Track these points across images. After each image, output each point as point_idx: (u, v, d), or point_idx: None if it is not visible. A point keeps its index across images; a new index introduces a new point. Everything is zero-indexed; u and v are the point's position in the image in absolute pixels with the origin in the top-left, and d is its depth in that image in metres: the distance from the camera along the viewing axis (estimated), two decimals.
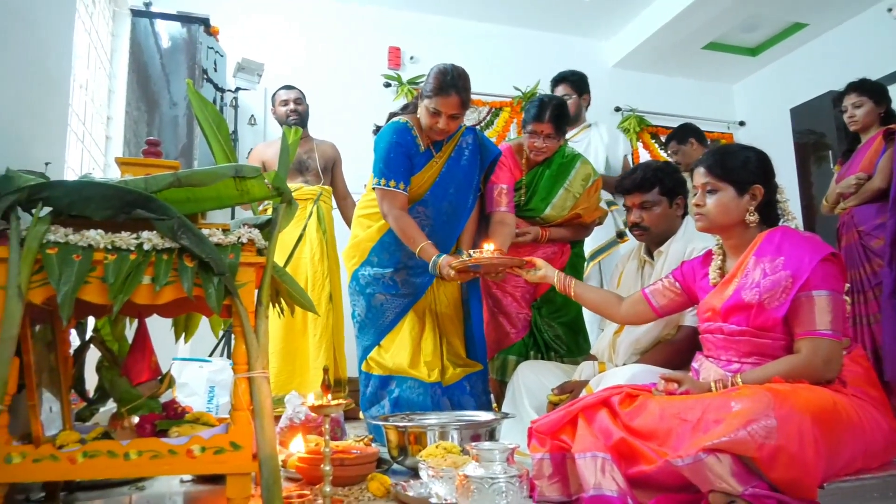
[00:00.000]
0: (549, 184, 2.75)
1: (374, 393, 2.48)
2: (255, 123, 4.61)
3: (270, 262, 1.56)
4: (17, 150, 1.67)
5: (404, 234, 2.34)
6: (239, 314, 1.47)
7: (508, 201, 2.62)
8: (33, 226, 1.37)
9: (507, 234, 2.52)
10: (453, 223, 2.53)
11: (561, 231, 2.78)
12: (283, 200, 1.62)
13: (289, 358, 3.24)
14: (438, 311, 2.56)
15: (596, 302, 2.11)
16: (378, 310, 2.50)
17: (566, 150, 2.83)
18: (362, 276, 2.52)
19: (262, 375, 1.49)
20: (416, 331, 2.49)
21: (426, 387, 2.39)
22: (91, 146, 3.55)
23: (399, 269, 2.46)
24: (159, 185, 1.45)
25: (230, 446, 1.43)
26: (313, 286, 3.31)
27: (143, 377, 1.68)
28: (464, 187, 2.53)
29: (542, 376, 2.39)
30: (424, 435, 1.94)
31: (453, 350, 2.55)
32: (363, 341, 2.55)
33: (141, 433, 1.53)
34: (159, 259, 1.42)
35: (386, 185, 2.39)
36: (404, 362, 2.43)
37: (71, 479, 1.39)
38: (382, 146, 2.43)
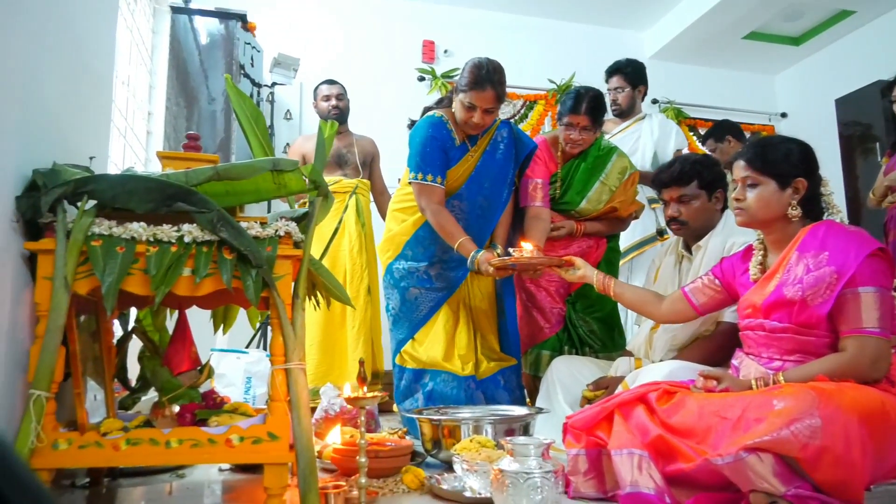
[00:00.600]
0: (584, 177, 2.72)
1: (408, 386, 2.49)
2: (290, 118, 4.66)
3: (307, 255, 1.58)
4: (63, 145, 1.71)
5: (443, 230, 2.35)
6: (276, 306, 1.49)
7: (543, 195, 2.60)
8: (79, 218, 1.41)
9: (541, 230, 2.50)
10: (488, 217, 2.52)
11: (596, 225, 2.75)
12: (319, 194, 1.63)
13: (327, 349, 3.28)
14: (472, 305, 2.56)
15: (636, 301, 2.08)
16: (412, 303, 2.51)
17: (602, 142, 2.79)
18: (396, 270, 2.54)
19: (299, 367, 1.51)
20: (449, 324, 2.49)
21: (460, 380, 2.39)
22: (133, 141, 3.62)
23: (433, 263, 2.47)
24: (199, 178, 1.48)
25: (268, 436, 1.45)
26: (352, 278, 3.34)
27: (184, 367, 1.71)
28: (499, 181, 2.52)
29: (576, 372, 2.37)
30: (458, 429, 1.94)
31: (487, 344, 2.54)
32: (397, 334, 2.56)
33: (181, 422, 1.57)
34: (199, 251, 1.45)
35: (423, 180, 2.39)
36: (438, 355, 2.44)
37: (114, 465, 1.43)
38: (418, 140, 2.44)
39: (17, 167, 1.44)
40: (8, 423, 1.36)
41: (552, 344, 2.72)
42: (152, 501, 1.65)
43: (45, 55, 1.59)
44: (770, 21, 5.09)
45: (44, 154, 1.56)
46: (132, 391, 1.98)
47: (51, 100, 1.63)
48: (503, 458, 1.45)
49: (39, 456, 1.34)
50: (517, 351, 2.57)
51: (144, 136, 3.91)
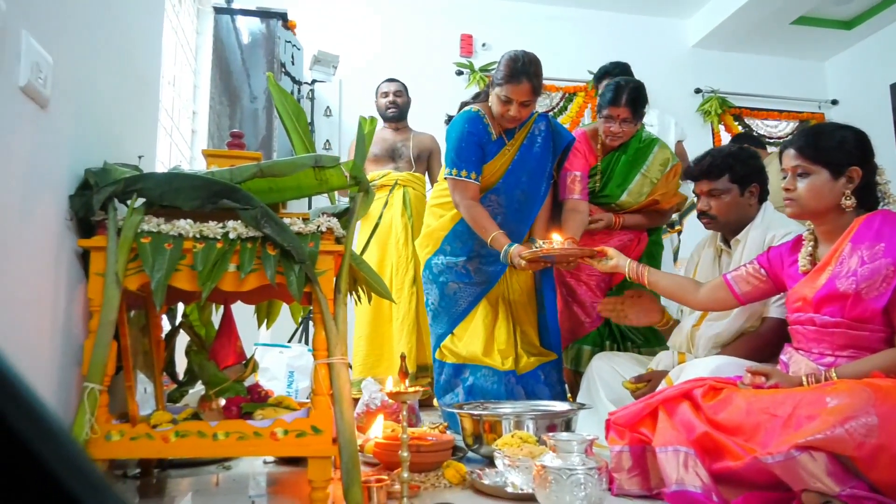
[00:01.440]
0: (625, 169, 2.67)
1: (448, 381, 2.49)
2: (330, 114, 4.71)
3: (349, 251, 1.59)
4: (114, 145, 1.76)
5: (476, 224, 2.35)
6: (318, 301, 1.51)
7: (582, 188, 2.57)
8: (129, 216, 1.45)
9: (579, 223, 2.48)
10: (526, 212, 2.51)
11: (636, 218, 2.70)
12: (360, 189, 1.64)
13: (376, 342, 3.33)
14: (511, 299, 2.55)
15: (671, 288, 2.04)
16: (451, 298, 2.51)
17: (643, 134, 2.74)
18: (435, 265, 2.54)
19: (341, 362, 1.53)
20: (489, 319, 2.49)
21: (500, 375, 2.39)
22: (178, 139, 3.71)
23: (472, 258, 2.46)
24: (243, 175, 1.50)
25: (311, 430, 1.47)
26: (397, 269, 3.38)
27: (230, 361, 1.75)
28: (536, 175, 2.50)
29: (617, 368, 2.34)
30: (499, 424, 1.94)
31: (527, 339, 2.53)
32: (436, 329, 2.57)
33: (228, 415, 1.60)
34: (244, 247, 1.48)
35: (458, 175, 2.39)
36: (478, 350, 2.44)
37: (164, 457, 1.46)
38: (454, 136, 2.44)
39: (71, 167, 1.49)
40: (64, 414, 1.41)
41: (593, 339, 2.69)
42: (200, 492, 1.69)
43: (96, 59, 1.64)
44: (819, 5, 4.92)
45: (95, 154, 1.61)
46: (180, 384, 2.04)
47: (102, 101, 1.68)
48: (545, 453, 1.44)
49: (93, 447, 1.39)
50: (558, 346, 2.55)
51: (189, 135, 4.00)
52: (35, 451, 0.27)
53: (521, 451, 1.64)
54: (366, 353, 3.28)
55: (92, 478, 0.29)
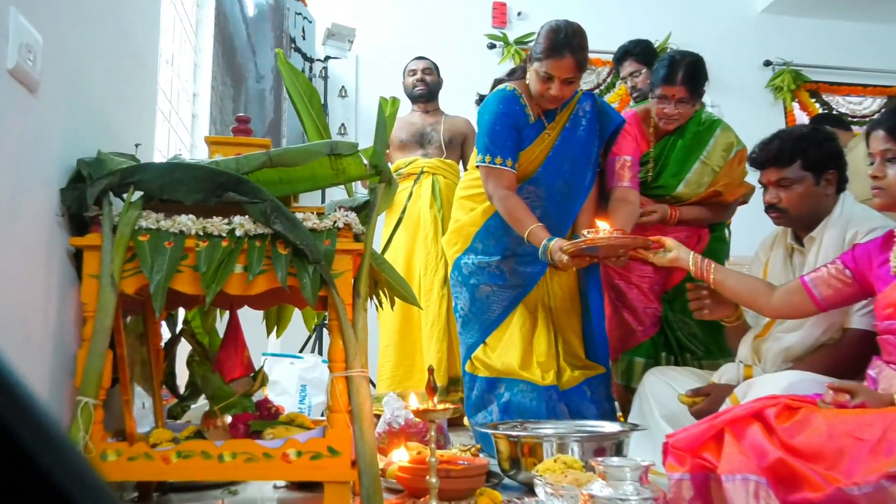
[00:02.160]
0: (681, 156, 2.64)
1: (480, 397, 2.49)
2: (345, 95, 4.74)
3: (369, 249, 1.60)
4: (108, 132, 1.79)
5: (511, 217, 2.34)
6: (335, 306, 1.52)
7: (632, 176, 2.54)
8: (125, 211, 1.48)
9: (628, 213, 2.44)
10: (569, 203, 2.49)
11: (695, 211, 2.66)
12: (381, 180, 1.65)
13: (406, 352, 3.33)
14: (552, 305, 2.53)
15: (741, 291, 2.00)
16: (483, 303, 2.51)
17: (703, 114, 2.71)
18: (465, 265, 2.54)
19: (361, 375, 1.54)
20: (526, 327, 2.48)
21: (540, 391, 2.38)
22: (178, 125, 3.77)
23: (506, 257, 2.45)
24: (251, 165, 1.52)
25: (328, 451, 1.49)
26: (426, 269, 3.38)
27: (236, 373, 1.77)
28: (581, 162, 2.48)
29: (673, 384, 2.31)
30: (540, 446, 1.93)
31: (570, 350, 2.52)
32: (466, 338, 2.56)
33: (234, 434, 1.62)
34: (252, 246, 1.50)
35: (491, 163, 2.38)
36: (514, 362, 2.43)
37: (165, 479, 1.49)
38: (486, 118, 2.43)
39: (62, 157, 1.52)
40: None
41: (646, 350, 2.67)
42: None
43: (89, 37, 1.67)
44: None
45: (88, 142, 1.65)
46: (181, 399, 2.07)
47: (95, 84, 1.71)
48: (593, 481, 1.44)
49: None
50: (605, 357, 2.54)
51: (190, 120, 4.06)
52: (31, 451, 0.29)
53: (565, 477, 1.64)
54: (394, 364, 3.29)
55: (89, 480, 0.30)
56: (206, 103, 4.05)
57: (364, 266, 1.59)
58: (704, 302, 2.17)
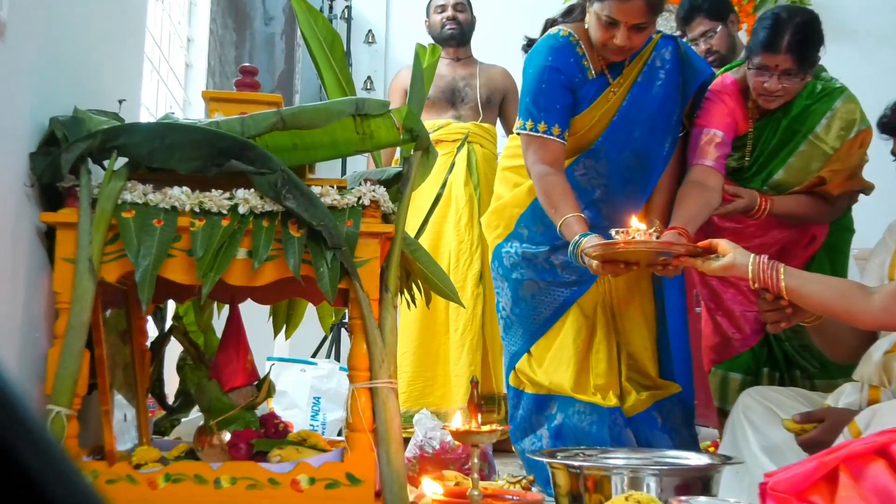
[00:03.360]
0: (786, 136, 2.56)
1: (527, 418, 2.49)
2: (373, 41, 4.75)
3: (400, 233, 1.61)
4: (86, 85, 1.82)
5: (547, 200, 2.29)
6: (359, 302, 1.53)
7: (719, 156, 2.45)
8: (106, 182, 1.51)
9: (702, 204, 2.35)
10: (640, 182, 2.46)
11: (790, 203, 2.56)
12: (417, 147, 1.65)
13: (427, 361, 3.33)
14: (616, 308, 2.51)
15: (828, 298, 1.96)
16: (528, 303, 2.49)
17: (819, 83, 2.61)
18: (507, 255, 2.53)
19: (389, 386, 1.55)
20: (581, 337, 2.46)
21: (602, 413, 2.37)
22: (169, 77, 3.82)
23: (559, 247, 2.40)
24: (259, 127, 1.54)
25: (346, 479, 1.51)
26: (457, 261, 3.36)
27: (238, 381, 1.79)
28: (657, 127, 2.44)
29: (776, 408, 2.28)
30: (608, 480, 1.92)
31: (637, 367, 2.49)
32: (510, 345, 2.56)
33: (235, 454, 1.65)
34: (258, 226, 1.51)
35: (533, 130, 2.34)
36: (564, 381, 2.41)
37: None
38: (531, 72, 2.38)
39: (32, 115, 1.55)
40: None
41: (744, 363, 2.63)
42: None
43: None
44: None
45: (63, 97, 1.67)
46: (170, 411, 2.11)
47: (71, 27, 1.74)
48: None
49: None
50: (684, 374, 2.51)
51: (183, 71, 4.11)
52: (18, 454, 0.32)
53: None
54: (412, 375, 3.30)
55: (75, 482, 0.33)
56: (203, 51, 4.09)
57: (394, 253, 1.60)
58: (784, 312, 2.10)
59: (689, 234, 2.18)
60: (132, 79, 2.23)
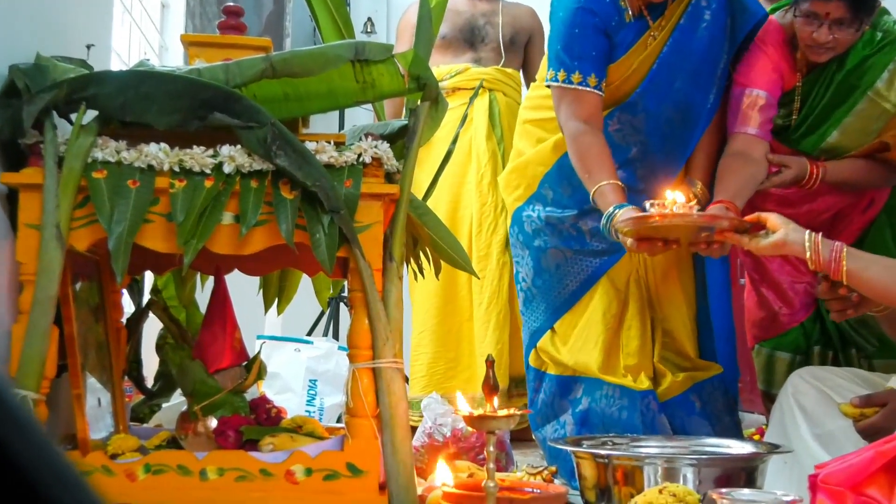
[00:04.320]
0: (840, 93, 2.53)
1: (549, 402, 2.51)
2: None
3: (406, 194, 1.60)
4: (50, 28, 1.81)
5: (581, 162, 2.28)
6: (360, 272, 1.53)
7: (763, 121, 2.43)
8: (74, 138, 1.50)
9: (746, 177, 2.34)
10: (680, 139, 2.46)
11: (846, 168, 2.53)
12: (425, 97, 1.65)
13: (449, 340, 3.34)
14: (651, 281, 2.52)
15: (891, 286, 1.96)
16: (552, 274, 2.50)
17: (879, 31, 2.57)
18: (528, 220, 2.54)
19: (393, 366, 1.55)
20: (612, 313, 2.46)
21: (633, 397, 2.38)
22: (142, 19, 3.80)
23: (588, 211, 2.41)
24: (246, 75, 1.53)
25: (347, 470, 1.52)
26: (479, 226, 3.35)
27: (224, 362, 1.80)
28: (701, 76, 2.44)
29: (830, 390, 2.29)
30: (641, 471, 1.94)
31: (674, 346, 2.50)
32: (530, 321, 2.57)
33: (222, 443, 1.66)
34: (246, 187, 1.51)
35: (566, 81, 2.33)
36: (591, 361, 2.43)
37: (128, 501, 1.53)
38: (561, 15, 2.37)
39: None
40: None
41: (793, 341, 2.64)
42: None
43: None
44: None
45: (24, 43, 1.67)
46: (149, 395, 2.12)
47: None
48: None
49: None
50: (727, 353, 2.52)
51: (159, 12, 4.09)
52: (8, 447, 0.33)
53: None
54: (432, 356, 3.31)
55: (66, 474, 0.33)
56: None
57: (399, 217, 1.60)
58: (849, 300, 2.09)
59: (736, 208, 2.17)
60: (101, 21, 2.21)
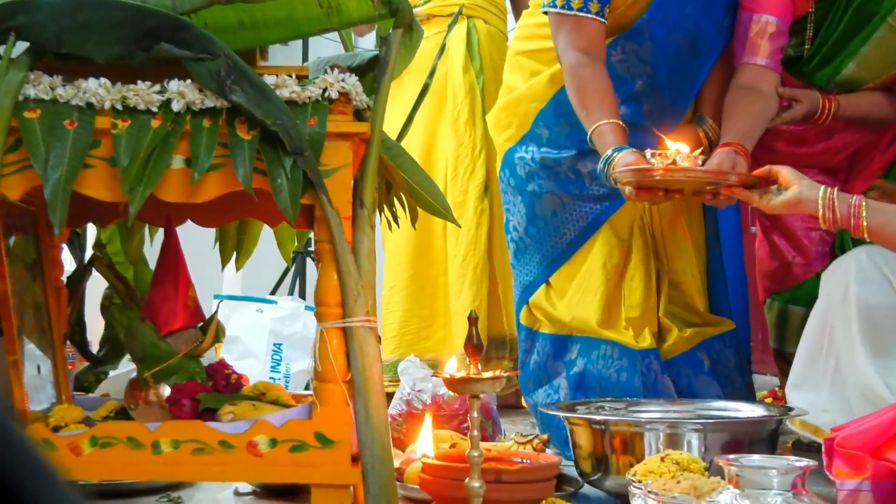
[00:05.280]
0: (857, 19, 2.52)
1: (543, 364, 2.53)
2: None
3: (378, 134, 1.59)
4: None
5: (579, 98, 2.29)
6: (327, 221, 1.53)
7: (773, 51, 2.43)
8: (3, 73, 1.49)
9: (758, 114, 2.34)
10: (690, 71, 2.47)
11: (863, 102, 2.53)
12: (397, 24, 1.63)
13: (423, 297, 3.35)
14: (656, 228, 2.54)
15: None
16: (548, 222, 2.52)
17: None
18: (521, 162, 2.54)
19: (367, 326, 1.55)
20: (613, 262, 2.48)
21: (633, 357, 2.40)
22: None
23: (587, 152, 2.41)
24: (196, 1, 1.51)
25: (316, 440, 1.52)
26: (455, 169, 3.35)
27: (177, 323, 1.80)
28: (714, 1, 2.44)
29: None
30: (641, 438, 1.96)
31: (682, 299, 2.53)
32: (522, 275, 2.59)
33: (176, 412, 1.66)
34: (198, 127, 1.50)
35: (565, 7, 2.33)
36: (591, 316, 2.44)
37: (73, 478, 1.53)
38: None
39: None
40: None
41: (808, 293, 2.64)
42: None
43: None
44: None
45: None
46: (95, 361, 2.12)
47: None
48: (722, 489, 1.46)
49: None
50: (741, 309, 2.55)
51: None
52: None
53: (677, 484, 1.66)
54: (403, 315, 3.31)
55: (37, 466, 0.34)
56: None
57: (370, 159, 1.59)
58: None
59: (746, 151, 2.19)
60: None
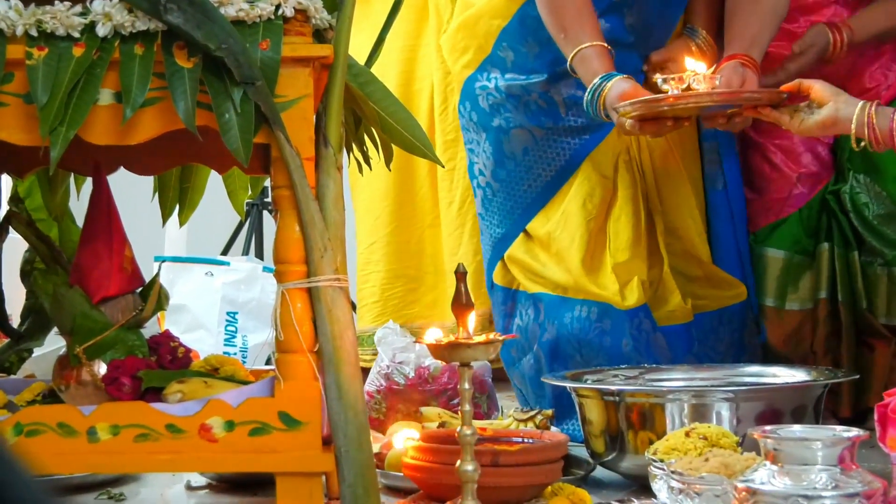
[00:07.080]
0: None
1: (525, 328, 2.56)
2: None
3: (343, 58, 1.59)
4: None
5: (554, 16, 2.31)
6: (285, 163, 1.53)
7: None
8: None
9: (768, 13, 2.34)
10: None
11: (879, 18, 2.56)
12: None
13: (407, 254, 3.35)
14: (647, 163, 2.57)
15: None
16: (518, 162, 2.55)
17: None
18: (484, 92, 2.57)
19: (336, 285, 1.56)
20: (595, 201, 2.50)
21: (618, 317, 2.43)
22: None
23: (560, 75, 2.44)
24: None
25: (280, 421, 1.53)
26: (444, 101, 3.29)
27: (112, 289, 1.80)
28: None
29: None
30: (661, 409, 1.97)
31: (681, 246, 2.56)
32: (492, 227, 2.62)
33: (114, 393, 1.67)
34: (128, 55, 1.50)
35: None
36: (572, 265, 2.47)
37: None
38: None
39: None
40: None
41: (790, 234, 2.64)
42: None
43: None
44: None
45: None
46: (16, 337, 2.12)
47: None
48: (756, 466, 1.48)
49: None
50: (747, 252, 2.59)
51: None
52: None
53: (705, 462, 1.67)
54: (386, 276, 3.30)
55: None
56: None
57: (335, 88, 1.59)
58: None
59: (755, 63, 2.22)
60: None
